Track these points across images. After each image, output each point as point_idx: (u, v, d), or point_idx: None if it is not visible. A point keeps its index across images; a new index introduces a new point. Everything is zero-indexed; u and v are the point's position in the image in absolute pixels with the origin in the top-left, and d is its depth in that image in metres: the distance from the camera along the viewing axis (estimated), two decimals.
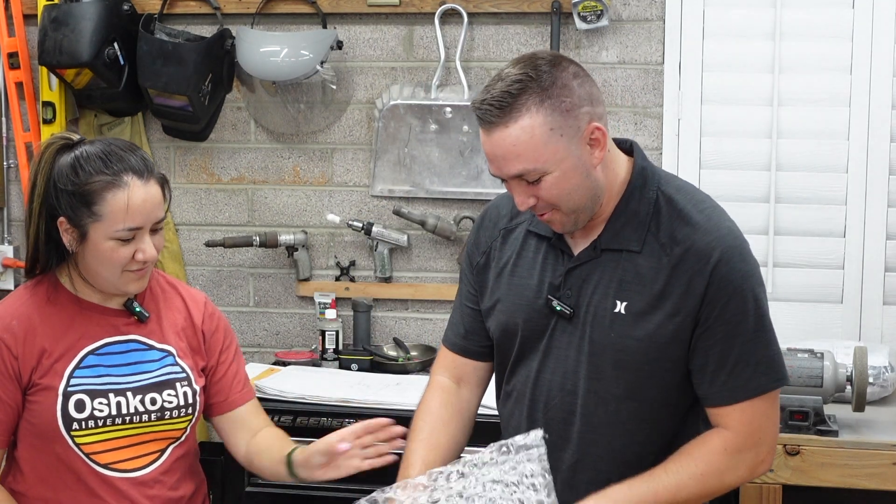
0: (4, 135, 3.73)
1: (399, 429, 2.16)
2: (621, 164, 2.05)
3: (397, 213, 3.55)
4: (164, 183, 2.20)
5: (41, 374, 2.19)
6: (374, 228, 3.54)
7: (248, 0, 3.59)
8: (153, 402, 2.24)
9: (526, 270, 2.11)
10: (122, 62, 3.52)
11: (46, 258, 2.24)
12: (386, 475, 2.97)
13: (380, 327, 3.63)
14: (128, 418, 2.21)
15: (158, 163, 3.69)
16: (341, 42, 3.53)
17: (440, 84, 3.50)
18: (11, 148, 3.74)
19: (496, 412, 2.27)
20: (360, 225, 3.54)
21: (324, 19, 3.55)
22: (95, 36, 3.45)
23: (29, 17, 3.67)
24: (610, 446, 2.06)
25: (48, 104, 3.65)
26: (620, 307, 2.00)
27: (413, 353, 3.50)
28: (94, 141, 2.22)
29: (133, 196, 2.13)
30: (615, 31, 3.45)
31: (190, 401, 2.28)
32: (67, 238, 2.19)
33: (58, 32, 3.46)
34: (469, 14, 3.47)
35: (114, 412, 2.20)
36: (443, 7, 3.47)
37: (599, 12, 3.34)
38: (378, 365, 3.44)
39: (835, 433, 2.81)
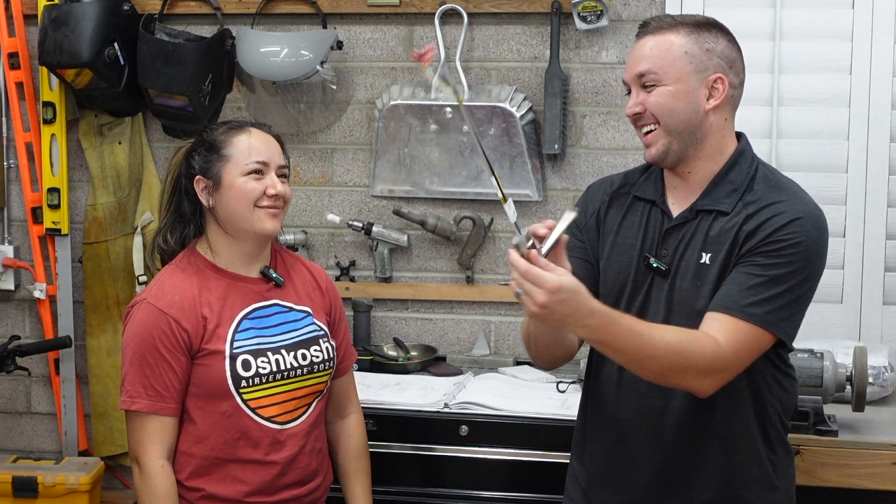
0: (4, 135, 3.73)
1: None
2: (730, 144, 2.30)
3: (397, 213, 3.55)
4: (281, 141, 2.54)
5: (206, 339, 2.41)
6: (374, 228, 3.54)
7: (248, 0, 3.59)
8: (304, 357, 2.49)
9: (630, 231, 2.32)
10: (122, 62, 3.52)
11: (182, 229, 2.52)
12: (388, 476, 2.97)
13: (380, 327, 3.63)
14: (286, 373, 2.46)
15: (158, 163, 3.70)
16: (341, 42, 3.53)
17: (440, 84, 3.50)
18: (12, 148, 3.74)
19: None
20: (360, 225, 3.54)
21: (324, 19, 3.55)
22: (95, 36, 3.45)
23: (29, 17, 3.67)
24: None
25: (48, 104, 3.65)
26: (706, 258, 2.23)
27: (413, 353, 3.50)
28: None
29: (254, 137, 2.48)
30: (615, 31, 3.45)
31: (331, 355, 2.55)
32: (204, 195, 2.46)
33: (58, 32, 3.46)
34: (469, 14, 3.47)
35: (274, 368, 2.44)
36: (443, 7, 3.47)
37: (599, 12, 3.35)
38: (378, 365, 3.44)
39: (834, 433, 2.81)
